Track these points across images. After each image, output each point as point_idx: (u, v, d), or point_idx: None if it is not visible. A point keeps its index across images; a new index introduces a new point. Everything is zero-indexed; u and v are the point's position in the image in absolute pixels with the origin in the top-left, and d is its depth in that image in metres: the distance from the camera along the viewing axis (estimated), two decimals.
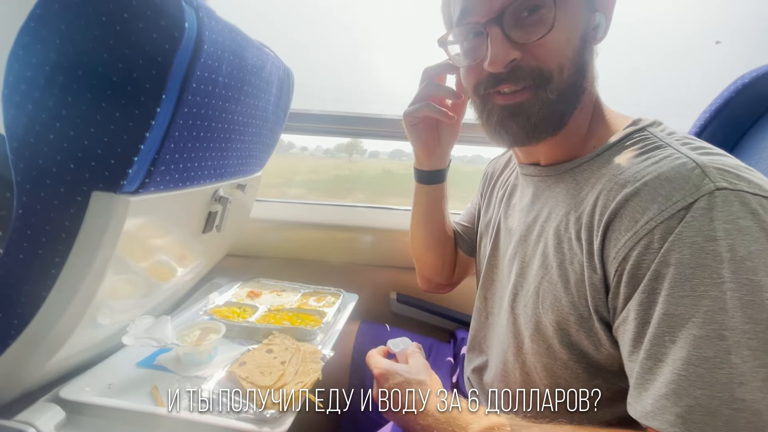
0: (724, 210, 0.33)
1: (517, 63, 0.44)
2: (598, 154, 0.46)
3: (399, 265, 1.04)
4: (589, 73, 0.47)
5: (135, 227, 0.50)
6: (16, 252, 0.44)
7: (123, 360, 0.62)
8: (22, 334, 0.46)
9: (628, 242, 0.37)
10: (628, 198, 0.38)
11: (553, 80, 0.44)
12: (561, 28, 0.42)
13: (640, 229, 0.36)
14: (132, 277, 0.58)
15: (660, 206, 0.36)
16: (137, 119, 0.42)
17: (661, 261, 0.35)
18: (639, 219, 0.37)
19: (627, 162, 0.42)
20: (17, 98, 0.42)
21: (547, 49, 0.43)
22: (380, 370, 0.51)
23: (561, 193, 0.48)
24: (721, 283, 0.32)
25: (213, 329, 0.65)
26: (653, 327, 0.35)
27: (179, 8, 0.41)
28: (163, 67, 0.41)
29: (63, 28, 0.40)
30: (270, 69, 0.65)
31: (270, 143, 0.80)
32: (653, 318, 0.35)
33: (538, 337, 0.47)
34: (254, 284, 0.90)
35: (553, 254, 0.46)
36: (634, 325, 0.37)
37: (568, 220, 0.45)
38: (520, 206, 0.56)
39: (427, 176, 0.68)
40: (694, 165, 0.36)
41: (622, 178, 0.40)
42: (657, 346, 0.34)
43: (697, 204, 0.34)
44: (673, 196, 0.35)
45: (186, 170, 0.54)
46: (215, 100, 0.52)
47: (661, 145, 0.41)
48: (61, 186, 0.43)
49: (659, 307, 0.35)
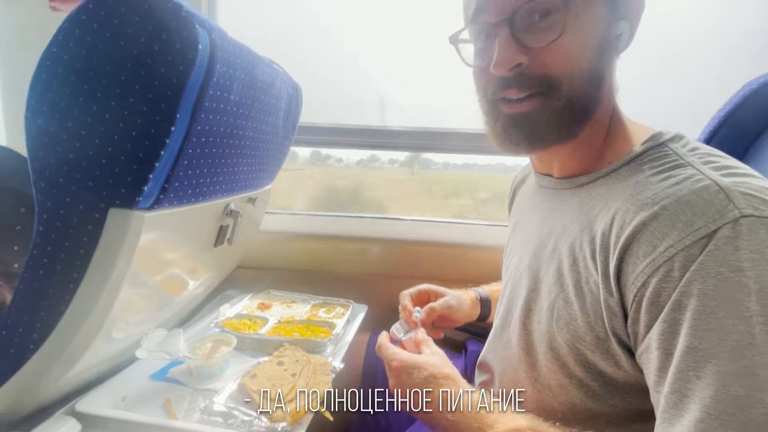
0: (750, 239, 0.32)
1: (523, 69, 0.43)
2: (614, 169, 0.44)
3: (408, 275, 1.04)
4: (606, 85, 0.45)
5: (149, 242, 0.51)
6: (36, 268, 0.45)
7: (136, 373, 0.62)
8: (41, 348, 0.47)
9: (646, 268, 0.36)
10: (646, 222, 0.37)
11: (561, 88, 0.43)
12: (572, 35, 0.41)
13: (659, 256, 0.35)
14: (146, 291, 0.59)
15: (680, 233, 0.34)
16: (153, 138, 0.44)
17: (682, 291, 0.33)
18: (658, 245, 0.35)
19: (645, 181, 0.40)
20: (39, 120, 0.44)
21: (556, 56, 0.42)
22: (400, 363, 0.48)
23: (575, 208, 0.47)
24: (750, 317, 0.30)
25: (224, 341, 0.66)
26: (677, 360, 0.33)
27: (193, 31, 0.43)
28: (178, 87, 0.43)
29: (83, 52, 0.42)
30: (279, 85, 0.67)
31: (280, 157, 0.82)
32: (676, 350, 0.33)
33: (552, 355, 0.46)
34: (264, 296, 0.90)
35: (569, 272, 0.44)
36: (657, 355, 0.35)
37: (582, 237, 0.44)
38: (535, 218, 0.55)
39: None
40: (717, 188, 0.34)
41: (639, 199, 0.39)
42: (681, 381, 0.33)
43: (720, 232, 0.32)
44: (694, 222, 0.34)
45: (198, 186, 0.55)
46: (227, 117, 0.53)
47: (682, 163, 0.39)
48: (80, 203, 0.44)
49: (682, 339, 0.33)
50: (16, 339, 0.46)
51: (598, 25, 0.43)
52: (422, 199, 1.36)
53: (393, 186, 1.32)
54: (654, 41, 0.98)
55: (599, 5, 0.43)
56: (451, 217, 1.15)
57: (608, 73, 0.45)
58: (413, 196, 1.33)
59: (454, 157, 1.25)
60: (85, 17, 0.42)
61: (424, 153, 1.26)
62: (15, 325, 0.46)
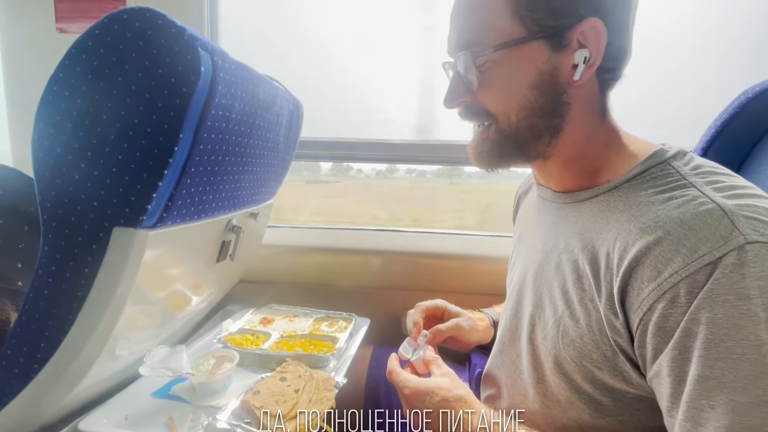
0: (756, 265, 0.32)
1: (469, 104, 0.48)
2: (615, 186, 0.44)
3: (410, 288, 1.04)
4: (564, 113, 0.45)
5: (153, 259, 0.51)
6: (41, 287, 0.46)
7: (139, 390, 0.62)
8: (45, 367, 0.47)
9: (651, 294, 0.36)
10: (650, 246, 0.36)
11: (499, 123, 0.47)
12: (494, 83, 0.46)
13: (664, 282, 0.35)
14: (149, 308, 0.59)
15: (685, 259, 0.34)
16: (156, 158, 0.45)
17: (691, 318, 0.33)
18: (663, 271, 0.35)
19: (647, 201, 0.40)
20: (46, 142, 0.45)
21: (487, 97, 0.47)
22: (412, 390, 0.48)
23: (577, 224, 0.47)
24: (760, 345, 0.31)
25: (227, 357, 0.66)
26: (689, 388, 0.33)
27: (196, 54, 0.44)
28: (181, 109, 0.44)
29: (90, 77, 0.43)
30: (280, 102, 0.68)
31: (281, 172, 0.83)
32: (688, 378, 0.34)
33: (559, 371, 0.46)
34: (267, 310, 0.90)
35: (574, 289, 0.44)
36: (669, 382, 0.35)
37: (585, 255, 0.44)
38: (539, 231, 0.55)
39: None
40: (721, 213, 0.34)
41: (642, 221, 0.39)
42: (695, 409, 0.33)
43: (725, 259, 0.32)
44: (699, 248, 0.34)
45: (201, 203, 0.56)
46: (229, 136, 0.54)
47: (685, 184, 0.39)
48: (84, 223, 0.45)
49: (694, 367, 0.33)
50: (21, 358, 0.47)
51: (533, 63, 0.44)
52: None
53: (468, 198, 1.32)
54: (644, 53, 0.99)
55: (533, 46, 0.44)
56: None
57: (564, 103, 0.45)
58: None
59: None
60: (91, 43, 0.43)
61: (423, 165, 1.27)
62: (19, 345, 0.47)
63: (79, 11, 1.00)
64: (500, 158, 0.49)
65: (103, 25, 0.43)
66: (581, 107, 0.46)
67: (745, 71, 1.01)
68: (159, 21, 0.43)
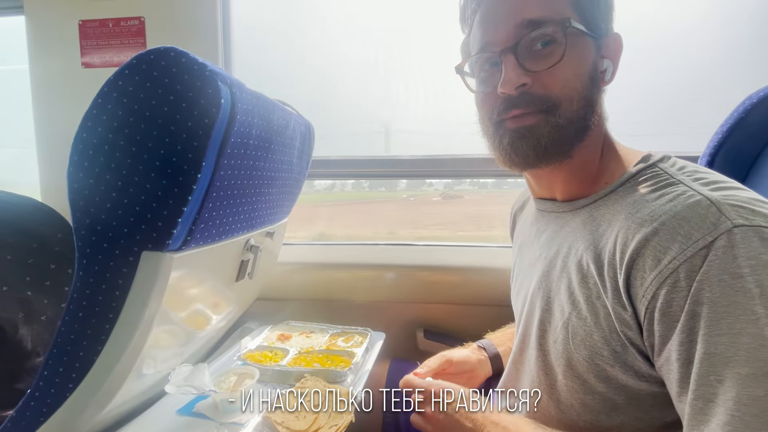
0: (744, 246, 0.34)
1: (527, 89, 0.47)
2: (611, 190, 0.48)
3: (423, 301, 1.05)
4: (597, 111, 0.50)
5: (178, 281, 0.54)
6: (76, 310, 0.49)
7: (164, 408, 0.64)
8: (79, 387, 0.50)
9: (654, 281, 0.38)
10: (648, 238, 0.39)
11: (561, 108, 0.47)
12: (569, 62, 0.46)
13: (664, 269, 0.37)
14: (173, 328, 0.62)
15: (681, 245, 0.37)
16: (181, 185, 0.48)
17: (693, 300, 0.35)
18: (662, 258, 0.38)
19: (641, 199, 0.43)
20: (80, 174, 0.48)
21: (556, 79, 0.46)
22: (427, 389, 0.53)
23: (578, 228, 0.49)
24: (756, 319, 0.33)
25: (248, 374, 0.67)
26: (697, 367, 0.35)
27: (216, 88, 0.47)
28: (203, 138, 0.47)
29: (120, 113, 0.47)
30: (293, 126, 0.72)
31: (295, 192, 0.86)
32: (696, 358, 0.35)
33: (572, 374, 0.47)
34: (284, 327, 0.92)
35: (579, 289, 0.46)
36: (678, 366, 0.37)
37: (589, 255, 0.46)
38: (540, 242, 0.57)
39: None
40: (708, 203, 0.37)
41: (638, 217, 0.41)
42: (704, 386, 0.34)
43: (717, 242, 0.35)
44: (692, 235, 0.37)
45: (222, 225, 0.58)
46: (246, 161, 0.57)
47: (674, 182, 0.42)
48: (116, 248, 0.48)
49: (700, 346, 0.35)
50: (57, 378, 0.49)
51: (588, 58, 0.48)
52: None
53: None
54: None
55: (588, 43, 0.48)
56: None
57: (598, 101, 0.49)
58: None
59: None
60: (121, 82, 0.47)
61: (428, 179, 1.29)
62: (56, 365, 0.49)
63: (102, 46, 1.06)
64: (561, 146, 0.48)
65: (131, 66, 0.47)
66: (600, 110, 0.50)
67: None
68: (183, 59, 0.46)
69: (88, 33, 1.06)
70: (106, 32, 1.05)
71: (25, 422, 0.50)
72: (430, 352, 0.99)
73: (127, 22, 1.04)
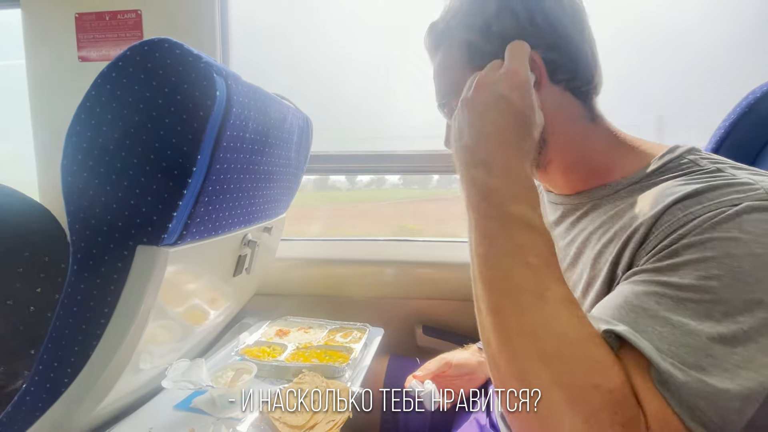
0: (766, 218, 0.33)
1: None
2: (636, 181, 0.46)
3: (422, 296, 1.05)
4: (555, 123, 0.47)
5: (174, 275, 0.54)
6: (71, 304, 0.48)
7: (161, 403, 0.64)
8: (74, 382, 0.49)
9: (662, 231, 0.37)
10: (677, 200, 0.38)
11: None
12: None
13: (677, 220, 0.36)
14: (170, 323, 0.61)
15: (704, 207, 0.35)
16: (176, 179, 0.47)
17: (685, 243, 0.34)
18: (678, 214, 0.36)
19: (674, 183, 0.41)
20: (74, 167, 0.48)
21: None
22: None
23: (599, 219, 0.48)
24: (739, 268, 0.32)
25: (245, 370, 0.67)
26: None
27: (211, 79, 0.46)
28: (198, 131, 0.46)
29: (114, 105, 0.46)
30: (291, 120, 0.71)
31: (293, 186, 0.85)
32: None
33: None
34: (282, 322, 0.92)
35: (588, 271, 0.45)
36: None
37: (610, 245, 0.44)
38: (557, 232, 0.55)
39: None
40: (748, 181, 0.36)
41: (672, 190, 0.39)
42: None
43: (740, 207, 0.34)
44: (719, 198, 0.35)
45: (218, 219, 0.58)
46: (243, 155, 0.57)
47: (711, 169, 0.40)
48: (110, 243, 0.48)
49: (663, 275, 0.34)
50: (52, 373, 0.49)
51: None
52: None
53: None
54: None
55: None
56: None
57: (556, 110, 0.47)
58: None
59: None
60: (115, 74, 0.46)
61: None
62: (51, 360, 0.49)
63: (99, 40, 1.05)
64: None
65: (125, 57, 0.46)
66: (560, 118, 0.48)
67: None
68: (177, 50, 0.46)
69: (84, 26, 1.05)
70: (103, 25, 1.04)
71: (20, 417, 0.50)
72: (428, 348, 1.00)
73: (123, 15, 1.03)
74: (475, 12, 0.48)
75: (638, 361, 0.32)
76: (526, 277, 0.35)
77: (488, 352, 0.36)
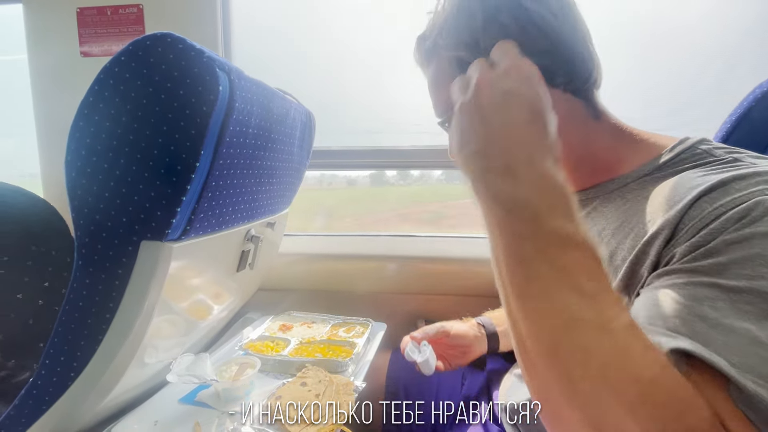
0: None
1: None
2: (647, 173, 0.45)
3: (424, 292, 1.05)
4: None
5: (178, 270, 0.54)
6: (76, 300, 0.48)
7: (166, 397, 0.65)
8: (80, 376, 0.50)
9: (707, 216, 0.34)
10: (703, 192, 0.36)
11: None
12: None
13: (707, 215, 0.34)
14: (174, 318, 0.62)
15: (732, 198, 0.34)
16: (179, 175, 0.47)
17: (722, 239, 0.32)
18: (707, 208, 0.35)
19: (691, 173, 0.40)
20: (78, 163, 0.48)
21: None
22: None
23: (611, 213, 0.47)
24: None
25: (249, 364, 0.68)
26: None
27: (214, 75, 0.46)
28: (201, 127, 0.46)
29: (117, 100, 0.46)
30: (293, 115, 0.71)
31: (295, 182, 0.85)
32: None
33: None
34: (285, 317, 0.92)
35: (621, 279, 0.42)
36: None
37: (627, 240, 0.43)
38: None
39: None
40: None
41: (694, 182, 0.38)
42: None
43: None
44: (748, 188, 0.34)
45: (221, 215, 0.58)
46: (246, 150, 0.57)
47: (727, 159, 0.39)
48: (115, 238, 0.48)
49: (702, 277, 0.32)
50: (59, 368, 0.49)
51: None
52: None
53: None
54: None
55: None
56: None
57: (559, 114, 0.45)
58: None
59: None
60: (117, 69, 0.46)
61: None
62: (57, 354, 0.49)
63: (101, 35, 1.05)
64: None
65: (128, 52, 0.46)
66: (563, 121, 0.44)
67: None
68: (179, 45, 0.45)
69: (86, 21, 1.04)
70: (105, 20, 1.04)
71: (27, 410, 0.50)
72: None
73: (125, 9, 1.03)
74: (462, 28, 0.46)
75: (713, 380, 0.28)
76: (584, 307, 0.29)
77: (547, 399, 0.31)
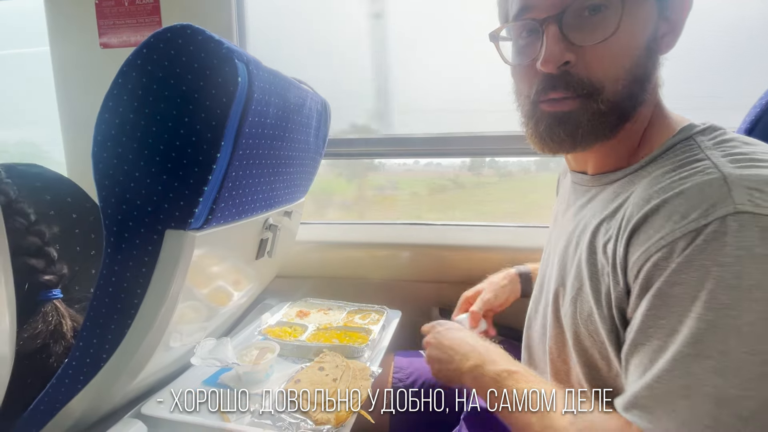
0: (738, 235, 0.32)
1: (569, 68, 0.42)
2: (642, 165, 0.44)
3: (439, 280, 1.05)
4: (651, 84, 0.44)
5: (200, 258, 0.55)
6: (106, 286, 0.51)
7: (191, 379, 0.68)
8: (111, 359, 0.52)
9: (641, 257, 0.37)
10: (648, 214, 0.38)
11: (604, 92, 0.42)
12: (623, 34, 0.40)
13: (651, 246, 0.36)
14: (197, 304, 0.64)
15: (674, 224, 0.35)
16: (201, 165, 0.48)
17: (666, 280, 0.35)
18: (653, 236, 0.36)
19: (661, 175, 0.40)
20: (104, 154, 0.49)
21: (603, 56, 0.41)
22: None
23: (598, 205, 0.48)
24: (719, 309, 0.32)
25: (269, 349, 0.70)
26: (642, 335, 0.37)
27: (233, 66, 0.47)
28: (221, 117, 0.47)
29: (140, 92, 0.47)
30: (310, 104, 0.71)
31: (312, 171, 0.86)
32: (650, 330, 0.36)
33: (578, 348, 0.46)
34: (302, 304, 0.95)
35: (586, 265, 0.45)
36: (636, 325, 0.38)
37: (599, 231, 0.45)
38: (568, 215, 0.55)
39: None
40: (722, 182, 0.34)
41: (648, 193, 0.39)
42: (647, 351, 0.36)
43: (710, 227, 0.33)
44: (689, 215, 0.35)
45: (241, 204, 0.59)
46: (264, 140, 0.57)
47: (700, 157, 0.39)
48: (141, 227, 0.49)
49: (656, 320, 0.35)
50: (92, 350, 0.52)
51: (648, 25, 0.42)
52: None
53: None
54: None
55: (649, 5, 0.42)
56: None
57: (653, 73, 0.44)
58: None
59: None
60: (140, 61, 0.47)
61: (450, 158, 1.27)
62: (89, 338, 0.52)
63: (119, 26, 1.06)
64: (602, 131, 0.44)
65: (149, 44, 0.46)
66: (655, 81, 0.45)
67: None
68: (199, 37, 0.46)
69: (104, 12, 1.06)
70: (122, 11, 1.05)
71: (64, 388, 0.53)
72: None
73: (141, 0, 1.03)
74: None
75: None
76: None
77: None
